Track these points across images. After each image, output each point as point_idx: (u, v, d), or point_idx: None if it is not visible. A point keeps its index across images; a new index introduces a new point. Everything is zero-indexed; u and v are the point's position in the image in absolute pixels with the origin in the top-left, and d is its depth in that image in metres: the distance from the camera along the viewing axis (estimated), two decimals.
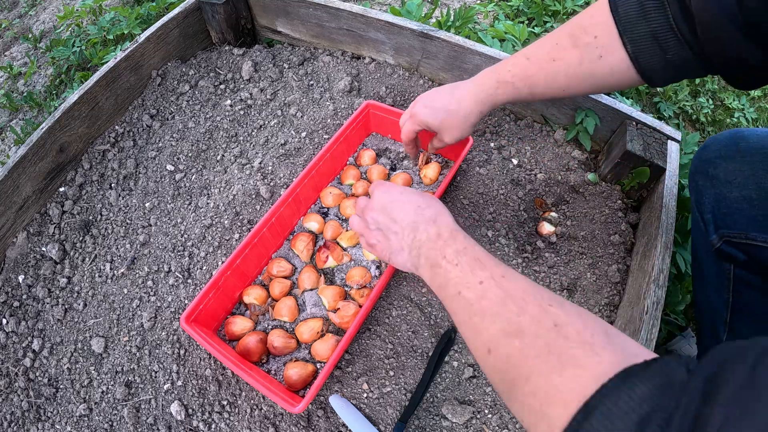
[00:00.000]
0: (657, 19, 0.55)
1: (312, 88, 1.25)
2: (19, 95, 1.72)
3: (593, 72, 0.63)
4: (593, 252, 0.93)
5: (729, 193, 0.67)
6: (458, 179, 1.03)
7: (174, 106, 1.26)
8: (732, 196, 0.67)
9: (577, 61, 0.63)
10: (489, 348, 0.44)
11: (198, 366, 0.84)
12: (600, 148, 1.07)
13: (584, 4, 1.67)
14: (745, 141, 0.68)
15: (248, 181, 1.06)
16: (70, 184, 1.13)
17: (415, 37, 1.15)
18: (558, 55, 0.65)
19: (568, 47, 0.63)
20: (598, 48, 0.61)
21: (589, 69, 0.63)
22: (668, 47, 0.56)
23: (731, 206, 0.67)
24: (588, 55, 0.62)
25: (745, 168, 0.66)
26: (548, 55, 0.66)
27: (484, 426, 0.76)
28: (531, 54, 0.68)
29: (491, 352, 0.44)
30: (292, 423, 0.77)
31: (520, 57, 0.69)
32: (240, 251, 0.86)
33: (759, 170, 0.65)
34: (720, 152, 0.69)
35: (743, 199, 0.66)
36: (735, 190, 0.67)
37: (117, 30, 1.58)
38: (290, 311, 0.86)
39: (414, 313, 0.86)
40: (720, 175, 0.68)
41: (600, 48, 0.60)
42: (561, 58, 0.64)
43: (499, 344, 0.43)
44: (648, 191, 0.98)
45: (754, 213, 0.65)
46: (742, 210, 0.66)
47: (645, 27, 0.56)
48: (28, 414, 0.86)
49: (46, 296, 0.99)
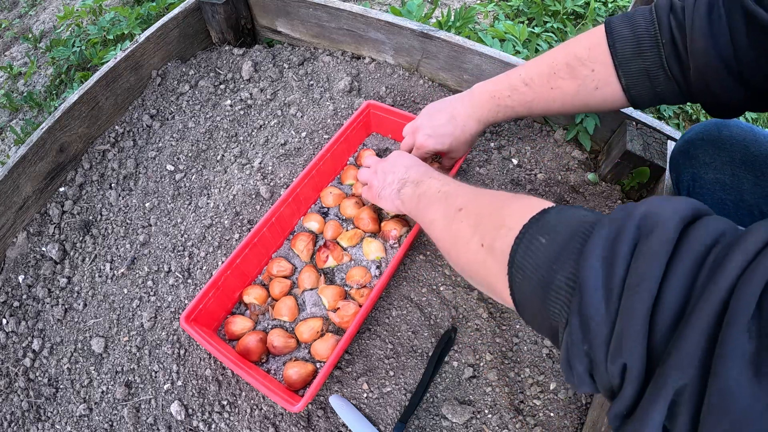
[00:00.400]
0: (651, 57, 0.59)
1: (312, 88, 1.25)
2: (19, 95, 1.72)
3: (587, 101, 0.68)
4: None
5: (705, 174, 0.71)
6: (458, 179, 1.03)
7: (174, 106, 1.26)
8: (707, 177, 0.71)
9: (573, 91, 0.68)
10: (460, 207, 0.55)
11: (198, 366, 0.84)
12: (600, 148, 1.07)
13: (584, 4, 1.67)
14: (728, 130, 0.71)
15: (248, 181, 1.06)
16: (70, 184, 1.13)
17: (415, 37, 1.15)
18: (556, 84, 0.68)
19: (566, 77, 0.67)
20: (595, 81, 0.65)
21: (584, 98, 0.68)
22: (658, 82, 0.60)
23: (704, 186, 0.72)
24: (585, 87, 0.66)
25: (724, 154, 0.70)
26: (547, 83, 0.69)
27: (484, 426, 0.76)
28: (530, 80, 0.71)
29: (462, 209, 0.55)
30: (292, 423, 0.77)
31: (518, 81, 0.73)
32: (240, 251, 0.86)
33: (736, 158, 0.69)
34: (703, 135, 0.73)
35: (716, 182, 0.70)
36: (711, 172, 0.71)
37: (117, 30, 1.58)
38: (290, 311, 0.86)
39: (414, 313, 0.86)
40: (699, 155, 0.72)
41: (596, 81, 0.65)
42: (559, 87, 0.68)
43: (472, 202, 0.55)
44: (648, 191, 0.98)
45: (724, 196, 0.70)
46: (714, 192, 0.71)
47: (639, 64, 0.60)
48: (28, 414, 0.86)
49: (46, 296, 0.99)
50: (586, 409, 0.77)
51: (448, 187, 0.62)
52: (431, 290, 0.88)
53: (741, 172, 0.69)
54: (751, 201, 0.68)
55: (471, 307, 0.86)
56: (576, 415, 0.76)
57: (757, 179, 0.68)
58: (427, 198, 0.65)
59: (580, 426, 0.76)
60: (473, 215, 0.52)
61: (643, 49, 0.59)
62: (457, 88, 1.19)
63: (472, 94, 0.78)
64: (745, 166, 0.69)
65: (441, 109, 0.82)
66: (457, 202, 0.57)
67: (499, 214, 0.47)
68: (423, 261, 0.92)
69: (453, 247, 0.55)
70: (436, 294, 0.88)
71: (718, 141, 0.71)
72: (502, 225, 0.45)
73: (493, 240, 0.46)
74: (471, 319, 0.85)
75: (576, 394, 0.78)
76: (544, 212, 0.42)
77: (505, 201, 0.50)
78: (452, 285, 0.88)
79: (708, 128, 0.74)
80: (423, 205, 0.65)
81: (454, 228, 0.55)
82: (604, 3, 1.76)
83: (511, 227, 0.43)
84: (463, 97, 0.80)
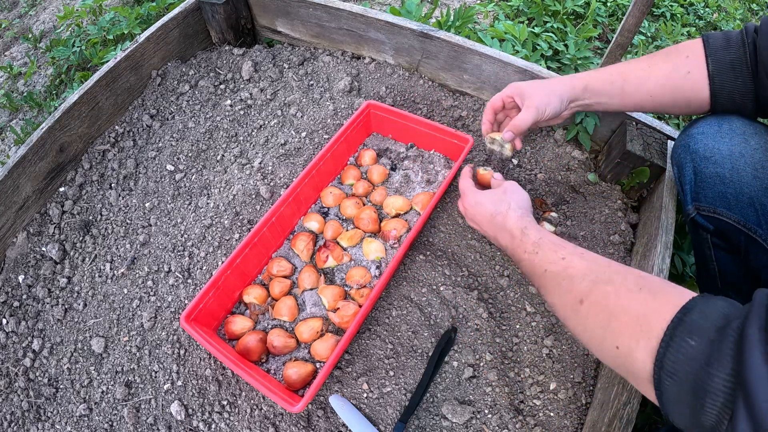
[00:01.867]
0: (736, 52, 0.68)
1: (312, 88, 1.25)
2: (19, 95, 1.72)
3: (680, 85, 0.73)
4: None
5: (705, 169, 0.73)
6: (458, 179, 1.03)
7: (174, 106, 1.26)
8: (707, 171, 0.72)
9: (668, 72, 0.73)
10: (581, 299, 0.53)
11: (198, 366, 0.84)
12: (600, 148, 1.07)
13: (584, 4, 1.67)
14: (728, 124, 0.72)
15: (248, 181, 1.06)
16: (70, 184, 1.13)
17: (415, 37, 1.15)
18: (652, 62, 0.75)
19: (661, 60, 0.75)
20: (687, 65, 0.72)
21: (676, 82, 0.73)
22: (739, 74, 0.69)
23: (705, 180, 0.73)
24: (678, 68, 0.72)
25: (723, 148, 0.71)
26: (644, 62, 0.76)
27: (484, 426, 0.76)
28: (628, 62, 0.78)
29: (583, 302, 0.53)
30: (292, 423, 0.77)
31: (616, 64, 0.79)
32: (240, 251, 0.86)
33: (735, 152, 0.70)
34: (703, 129, 0.74)
35: (716, 176, 0.72)
36: (711, 166, 0.72)
37: (117, 30, 1.58)
38: (290, 311, 0.86)
39: (414, 313, 0.86)
40: (700, 150, 0.73)
41: (689, 65, 0.72)
42: (655, 65, 0.75)
43: (591, 293, 0.52)
44: (648, 191, 0.98)
45: (725, 190, 0.71)
46: (714, 186, 0.72)
47: (726, 55, 0.69)
48: (28, 414, 0.86)
49: (46, 296, 0.99)
50: (586, 409, 0.77)
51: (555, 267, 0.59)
52: (431, 290, 0.88)
53: (740, 165, 0.69)
54: (750, 193, 0.69)
55: (471, 307, 0.86)
56: (576, 415, 0.76)
57: (756, 171, 0.68)
58: (536, 277, 0.63)
59: (580, 426, 0.76)
60: (601, 313, 0.50)
61: (731, 45, 0.69)
62: (457, 88, 1.19)
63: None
64: (744, 159, 0.69)
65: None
66: (575, 291, 0.55)
67: (631, 316, 0.47)
68: (423, 261, 0.92)
69: (581, 338, 0.55)
70: (436, 294, 0.88)
71: (718, 135, 0.72)
72: (637, 330, 0.45)
73: (630, 348, 0.46)
74: (471, 319, 0.85)
75: (576, 393, 0.78)
76: (687, 310, 0.43)
77: (629, 294, 0.48)
78: (452, 285, 0.88)
79: (708, 122, 0.74)
80: (534, 282, 0.64)
81: (580, 324, 0.54)
82: (604, 3, 1.76)
83: (650, 336, 0.44)
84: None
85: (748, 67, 0.68)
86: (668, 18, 1.82)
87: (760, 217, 0.69)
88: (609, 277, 0.53)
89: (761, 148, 0.69)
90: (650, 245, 0.83)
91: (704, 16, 1.86)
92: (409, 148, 1.10)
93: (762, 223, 0.70)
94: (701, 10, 1.88)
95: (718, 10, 1.90)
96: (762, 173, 0.68)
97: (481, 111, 1.14)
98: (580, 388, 0.78)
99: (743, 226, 0.71)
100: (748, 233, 0.71)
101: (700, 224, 0.76)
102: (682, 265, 0.98)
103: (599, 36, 1.66)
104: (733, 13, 1.89)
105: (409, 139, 1.10)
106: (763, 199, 0.68)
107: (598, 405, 0.73)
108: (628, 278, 0.51)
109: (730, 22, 1.85)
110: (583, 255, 0.59)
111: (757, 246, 0.71)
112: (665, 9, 1.84)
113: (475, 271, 0.91)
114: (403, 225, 0.94)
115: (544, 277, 0.61)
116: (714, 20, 1.85)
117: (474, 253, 0.92)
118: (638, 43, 1.60)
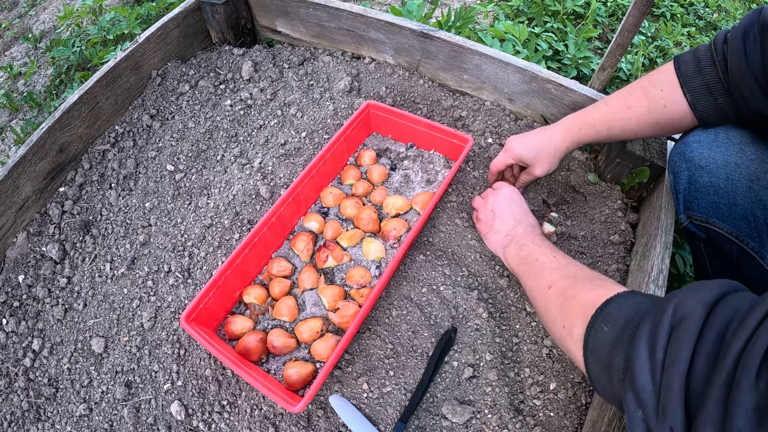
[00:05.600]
0: (709, 73, 0.69)
1: (312, 88, 1.25)
2: (19, 95, 1.72)
3: (658, 120, 0.76)
4: (593, 252, 0.93)
5: (700, 178, 0.73)
6: (459, 179, 1.03)
7: (174, 106, 1.26)
8: (702, 180, 0.72)
9: (645, 110, 0.76)
10: (550, 285, 0.65)
11: (198, 366, 0.84)
12: (600, 148, 1.07)
13: (584, 4, 1.67)
14: (725, 133, 0.72)
15: (248, 181, 1.06)
16: (70, 184, 1.13)
17: (415, 37, 1.15)
18: (631, 103, 0.78)
19: (640, 98, 0.77)
20: (663, 99, 0.74)
21: (655, 117, 0.76)
22: (719, 94, 0.69)
23: (699, 190, 0.73)
24: (655, 105, 0.75)
25: (719, 157, 0.71)
26: (624, 103, 0.79)
27: (484, 426, 0.76)
28: (610, 102, 0.81)
29: (551, 288, 0.64)
30: (292, 423, 0.77)
31: (601, 105, 0.83)
32: (240, 251, 0.86)
33: (731, 162, 0.70)
34: (699, 138, 0.74)
35: (711, 186, 0.72)
36: (705, 175, 0.72)
37: (117, 30, 1.58)
38: (290, 311, 0.86)
39: (414, 313, 0.86)
40: (695, 159, 0.73)
41: (664, 99, 0.74)
42: (633, 106, 0.77)
43: (559, 282, 0.64)
44: (648, 191, 0.98)
45: (718, 200, 0.71)
46: (708, 196, 0.72)
47: (700, 80, 0.70)
48: (28, 414, 0.86)
49: (46, 296, 0.99)
50: (586, 409, 0.77)
51: (545, 259, 0.72)
52: (431, 290, 0.88)
53: (735, 176, 0.69)
54: (744, 205, 0.68)
55: (471, 307, 0.86)
56: (576, 415, 0.76)
57: (750, 183, 0.68)
58: (526, 264, 0.75)
59: (580, 426, 0.76)
60: (560, 297, 0.62)
61: (702, 66, 0.69)
62: (457, 88, 1.19)
63: (562, 120, 0.87)
64: (739, 170, 0.69)
65: (534, 130, 0.90)
66: (548, 279, 0.67)
67: (577, 301, 0.57)
68: (423, 261, 0.92)
69: (543, 319, 0.66)
70: (436, 294, 0.88)
71: (713, 144, 0.71)
72: (578, 313, 0.55)
73: (571, 326, 0.56)
74: (471, 319, 0.85)
75: (576, 393, 0.78)
76: (608, 302, 0.52)
77: (583, 286, 0.60)
78: (452, 285, 0.88)
79: (705, 130, 0.74)
80: (522, 270, 0.76)
81: (543, 304, 0.65)
82: (604, 3, 1.76)
83: (585, 316, 0.53)
84: (555, 123, 0.88)
85: (724, 85, 0.68)
86: (668, 18, 1.82)
87: (752, 230, 0.69)
88: (574, 272, 0.65)
89: (757, 159, 0.68)
90: (650, 245, 0.83)
91: (704, 16, 1.86)
92: (409, 148, 1.10)
93: (754, 236, 0.69)
94: (701, 10, 1.88)
95: (718, 10, 1.90)
96: (757, 185, 0.67)
97: (481, 111, 1.14)
98: (580, 388, 0.78)
99: (735, 237, 0.71)
100: (740, 245, 0.71)
101: (692, 233, 0.77)
102: (683, 264, 0.98)
103: (599, 36, 1.66)
104: (733, 13, 1.89)
105: (409, 139, 1.10)
106: (756, 210, 0.68)
107: (598, 405, 0.73)
108: (587, 275, 0.63)
109: (730, 22, 1.85)
110: (569, 258, 0.72)
111: (748, 258, 0.71)
112: (665, 9, 1.84)
113: (475, 271, 0.91)
114: (403, 225, 0.94)
115: (533, 264, 0.73)
116: (714, 20, 1.85)
117: (474, 253, 0.92)
118: (638, 43, 1.60)
